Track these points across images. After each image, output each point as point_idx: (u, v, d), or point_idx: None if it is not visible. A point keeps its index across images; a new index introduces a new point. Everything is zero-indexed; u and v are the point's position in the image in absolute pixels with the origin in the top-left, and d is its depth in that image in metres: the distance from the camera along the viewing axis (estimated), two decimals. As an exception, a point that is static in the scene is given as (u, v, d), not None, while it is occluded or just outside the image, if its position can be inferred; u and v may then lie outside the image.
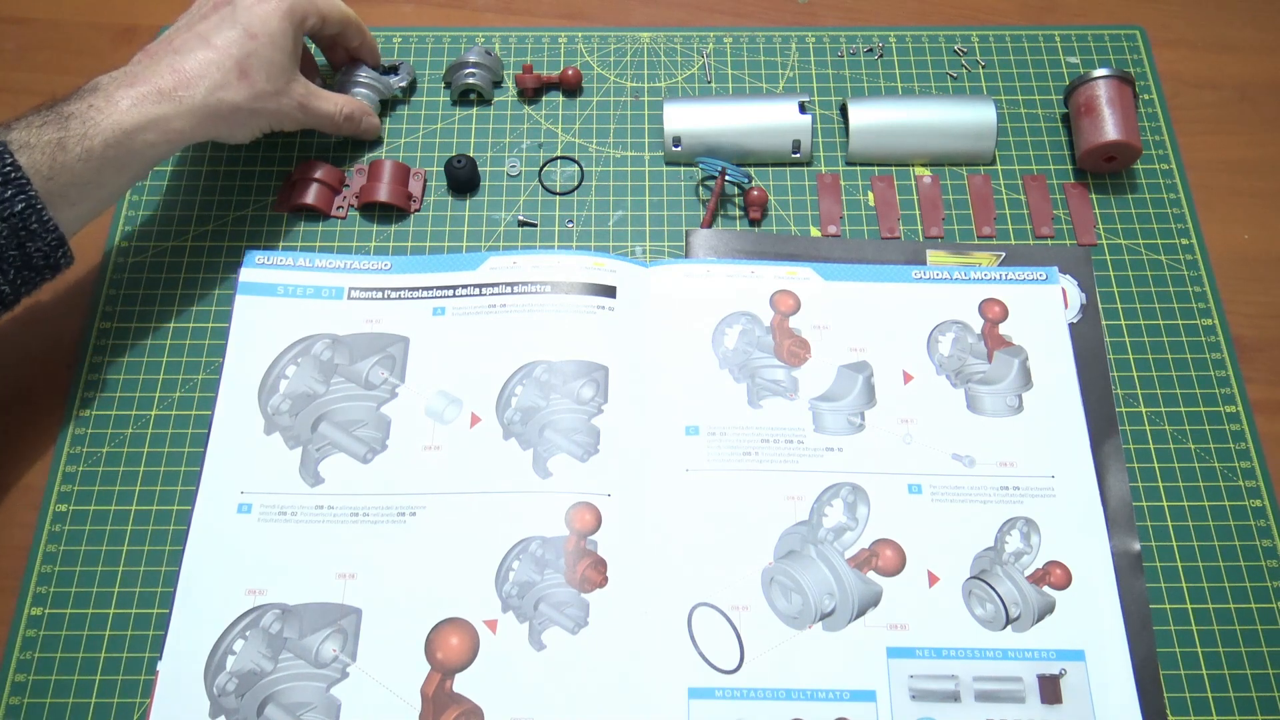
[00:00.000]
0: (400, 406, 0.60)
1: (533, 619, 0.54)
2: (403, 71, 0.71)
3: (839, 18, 0.76)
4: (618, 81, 0.73)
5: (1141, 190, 0.69)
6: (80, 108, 0.53)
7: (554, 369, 0.60)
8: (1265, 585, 0.57)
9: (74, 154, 0.52)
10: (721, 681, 0.53)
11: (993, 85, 0.73)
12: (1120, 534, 0.57)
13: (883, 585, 0.55)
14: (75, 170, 0.52)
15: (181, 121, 0.56)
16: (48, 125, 0.52)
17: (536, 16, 0.76)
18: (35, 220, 0.51)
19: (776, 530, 0.57)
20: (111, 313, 0.64)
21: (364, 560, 0.55)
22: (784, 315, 0.63)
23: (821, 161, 0.70)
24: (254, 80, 0.58)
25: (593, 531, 0.56)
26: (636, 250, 0.66)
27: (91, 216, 0.57)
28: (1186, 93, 0.73)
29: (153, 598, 0.56)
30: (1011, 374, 0.61)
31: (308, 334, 0.62)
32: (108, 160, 0.54)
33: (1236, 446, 0.61)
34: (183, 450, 0.60)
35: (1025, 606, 0.55)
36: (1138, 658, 0.54)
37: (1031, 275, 0.64)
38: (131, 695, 0.53)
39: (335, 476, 0.58)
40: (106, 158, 0.53)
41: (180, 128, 0.56)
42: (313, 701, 0.52)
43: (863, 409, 0.60)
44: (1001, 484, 0.58)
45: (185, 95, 0.56)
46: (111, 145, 0.53)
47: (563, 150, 0.70)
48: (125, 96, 0.55)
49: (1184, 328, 0.64)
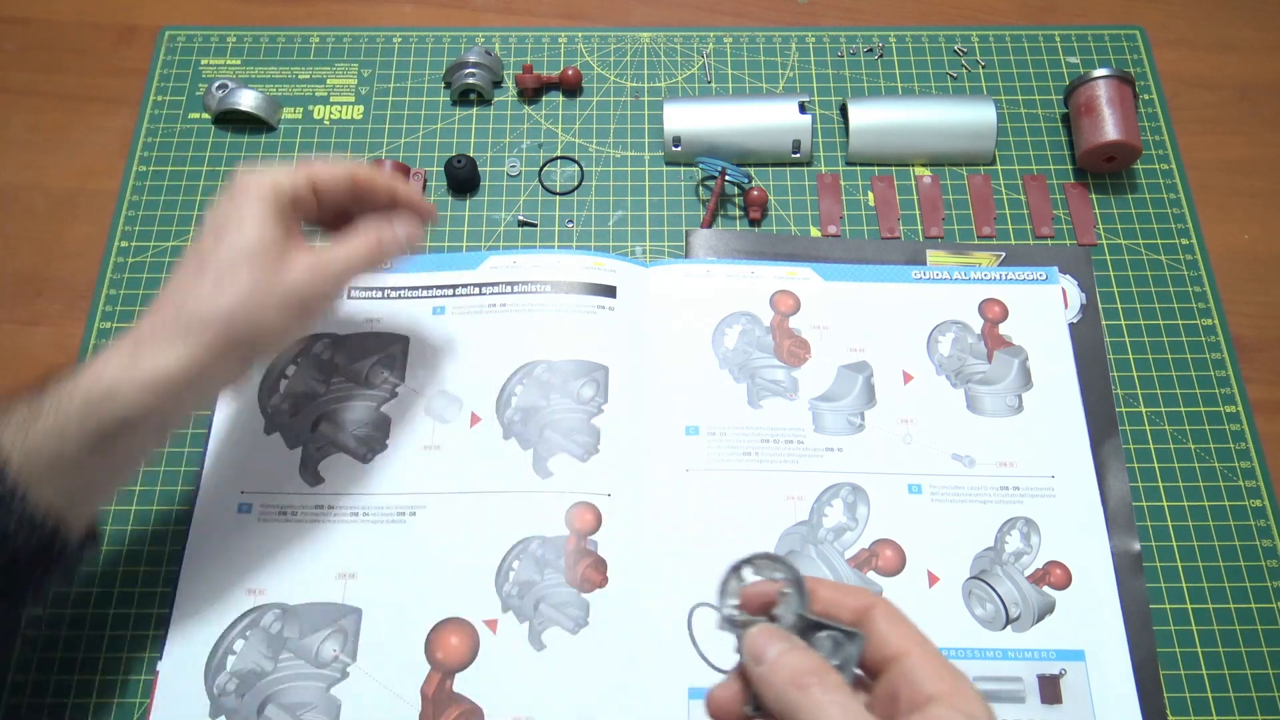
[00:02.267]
0: (400, 406, 0.60)
1: (533, 619, 0.54)
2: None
3: (839, 18, 0.76)
4: (618, 81, 0.73)
5: (1141, 190, 0.69)
6: (66, 372, 0.45)
7: (554, 369, 0.60)
8: (1265, 585, 0.57)
9: (46, 424, 0.43)
10: (721, 681, 0.53)
11: (993, 85, 0.73)
12: (1120, 534, 0.57)
13: (883, 585, 0.55)
14: (49, 445, 0.43)
15: (168, 361, 0.45)
16: (26, 393, 0.44)
17: (536, 16, 0.76)
18: (16, 506, 0.42)
19: (776, 530, 0.57)
20: (112, 313, 0.64)
21: (364, 560, 0.55)
22: (784, 315, 0.63)
23: (821, 161, 0.70)
24: (236, 278, 0.46)
25: (593, 531, 0.56)
26: (636, 250, 0.66)
27: (93, 504, 0.48)
28: (1186, 93, 0.73)
29: (153, 598, 0.56)
30: (1011, 374, 0.61)
31: (307, 334, 0.62)
32: (86, 430, 0.43)
33: (1236, 446, 0.61)
34: (183, 450, 0.60)
35: (1025, 606, 0.55)
36: (1138, 658, 0.54)
37: (1031, 275, 0.64)
38: (131, 695, 0.53)
39: (335, 476, 0.58)
40: (84, 426, 0.43)
41: (168, 370, 0.45)
42: (313, 701, 0.52)
43: (863, 409, 0.60)
44: (1001, 484, 0.58)
45: (162, 329, 0.46)
46: (88, 409, 0.43)
47: (563, 150, 0.70)
48: (106, 351, 0.45)
49: (1184, 328, 0.64)
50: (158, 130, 0.70)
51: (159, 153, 0.69)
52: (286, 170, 0.50)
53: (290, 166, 0.50)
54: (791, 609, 0.37)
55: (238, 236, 0.47)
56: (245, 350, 0.48)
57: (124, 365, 0.44)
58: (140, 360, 0.44)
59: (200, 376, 0.46)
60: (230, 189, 0.49)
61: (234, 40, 0.74)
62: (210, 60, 0.73)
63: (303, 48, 0.74)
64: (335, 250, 0.51)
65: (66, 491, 0.44)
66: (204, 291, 0.46)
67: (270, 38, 0.74)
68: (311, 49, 0.74)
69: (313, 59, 0.73)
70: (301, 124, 0.71)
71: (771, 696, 0.35)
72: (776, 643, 0.36)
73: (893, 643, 0.35)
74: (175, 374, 0.45)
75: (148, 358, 0.45)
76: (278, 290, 0.47)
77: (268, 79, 0.72)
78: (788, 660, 0.35)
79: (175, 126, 0.70)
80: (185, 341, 0.45)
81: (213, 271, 0.46)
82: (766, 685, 0.35)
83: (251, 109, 0.69)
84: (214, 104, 0.70)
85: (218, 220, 0.48)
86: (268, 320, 0.47)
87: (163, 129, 0.70)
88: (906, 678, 0.34)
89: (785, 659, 0.35)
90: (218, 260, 0.47)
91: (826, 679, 0.34)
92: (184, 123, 0.71)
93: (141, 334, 0.46)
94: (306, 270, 0.48)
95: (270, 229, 0.48)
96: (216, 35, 0.74)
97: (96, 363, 0.45)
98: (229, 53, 0.73)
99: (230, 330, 0.46)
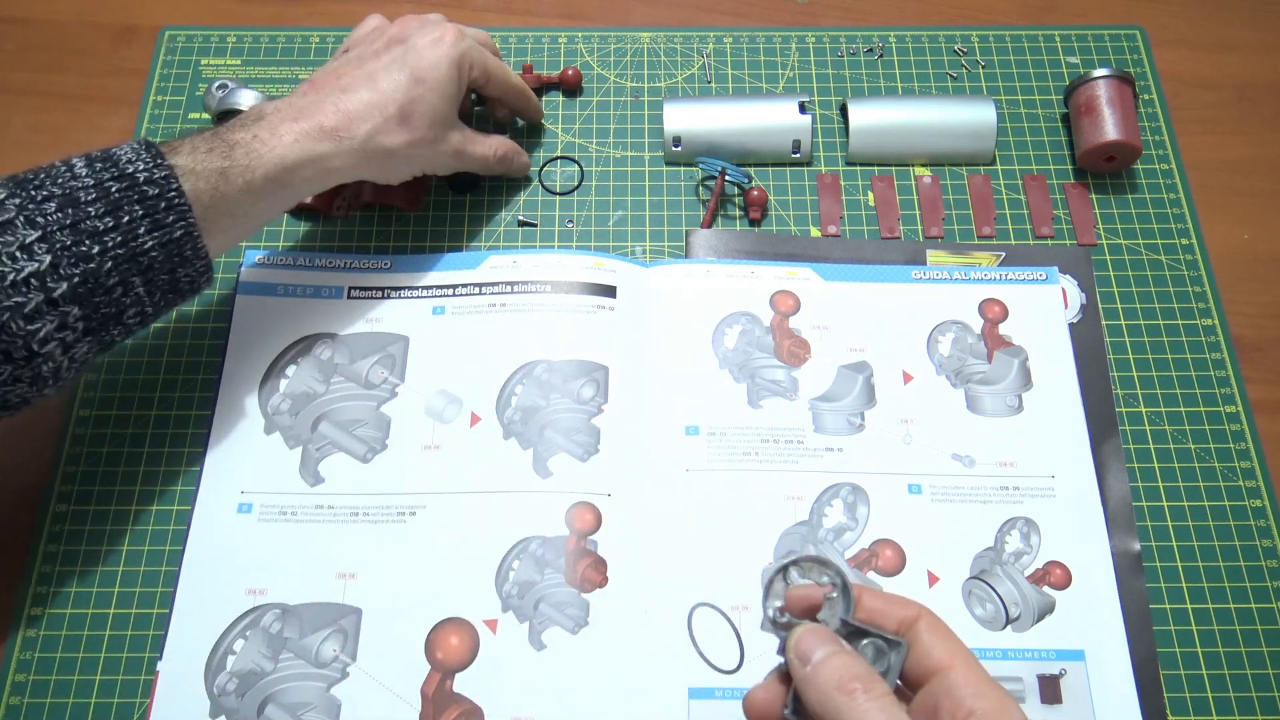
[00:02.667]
0: (400, 406, 0.60)
1: (533, 619, 0.54)
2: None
3: (839, 18, 0.76)
4: (618, 81, 0.73)
5: (1141, 190, 0.69)
6: (245, 137, 0.53)
7: (554, 369, 0.60)
8: (1265, 585, 0.57)
9: (236, 185, 0.52)
10: (721, 681, 0.53)
11: (993, 85, 0.73)
12: (1120, 534, 0.57)
13: (883, 585, 0.55)
14: (234, 200, 0.52)
15: (340, 160, 0.55)
16: (214, 153, 0.51)
17: (536, 16, 0.76)
18: (190, 248, 0.50)
19: (776, 530, 0.57)
20: (111, 313, 0.64)
21: (364, 560, 0.55)
22: (784, 315, 0.63)
23: (821, 161, 0.70)
24: (414, 127, 0.57)
25: (593, 531, 0.56)
26: (636, 250, 0.66)
27: (236, 242, 0.57)
28: (1186, 93, 0.73)
29: (153, 598, 0.56)
30: (1011, 374, 0.61)
31: (307, 334, 0.62)
32: (265, 193, 0.53)
33: (1236, 446, 0.61)
34: (183, 450, 0.60)
35: (1025, 606, 0.55)
36: (1138, 658, 0.54)
37: (1031, 275, 0.64)
38: (131, 695, 0.53)
39: (335, 476, 0.58)
40: (265, 191, 0.53)
41: (337, 166, 0.55)
42: (313, 701, 0.52)
43: (863, 409, 0.60)
44: (1001, 484, 0.58)
45: (346, 136, 0.55)
46: (271, 179, 0.53)
47: (563, 150, 0.70)
48: (289, 131, 0.54)
49: (1184, 328, 0.64)
50: (158, 130, 0.70)
51: (159, 153, 0.69)
52: (480, 53, 0.61)
53: (487, 45, 0.65)
54: (836, 614, 0.37)
55: (435, 96, 0.58)
56: (382, 171, 0.59)
57: (307, 153, 0.54)
58: (321, 154, 0.55)
59: (352, 176, 0.57)
60: (441, 41, 0.58)
61: (234, 40, 0.74)
62: (210, 60, 0.73)
63: (303, 48, 0.74)
64: (474, 145, 0.62)
65: (226, 232, 0.53)
66: (389, 125, 0.56)
67: (270, 38, 0.74)
68: (311, 49, 0.73)
69: (313, 59, 0.73)
70: (301, 124, 0.71)
71: (815, 699, 0.35)
72: (824, 645, 0.36)
73: (936, 655, 0.35)
74: (341, 173, 0.57)
75: (330, 156, 0.55)
76: (429, 154, 0.60)
77: (268, 79, 0.72)
78: (834, 664, 0.35)
79: (175, 126, 0.70)
80: (358, 155, 0.56)
81: (402, 112, 0.57)
82: (811, 687, 0.35)
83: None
84: (214, 104, 0.70)
85: (424, 64, 0.57)
86: (409, 165, 0.60)
87: (163, 129, 0.70)
88: (949, 692, 0.34)
89: (831, 662, 0.35)
90: (412, 107, 0.57)
91: (872, 686, 0.34)
92: (184, 123, 0.71)
93: (325, 126, 0.55)
94: (452, 150, 0.61)
95: (455, 100, 0.60)
96: (216, 35, 0.74)
97: (280, 139, 0.53)
98: (229, 53, 0.73)
99: (389, 159, 0.58)
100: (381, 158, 0.57)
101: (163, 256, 0.50)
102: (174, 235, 0.50)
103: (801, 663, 0.36)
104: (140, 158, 0.50)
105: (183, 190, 0.50)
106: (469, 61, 0.60)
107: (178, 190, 0.49)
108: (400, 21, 0.60)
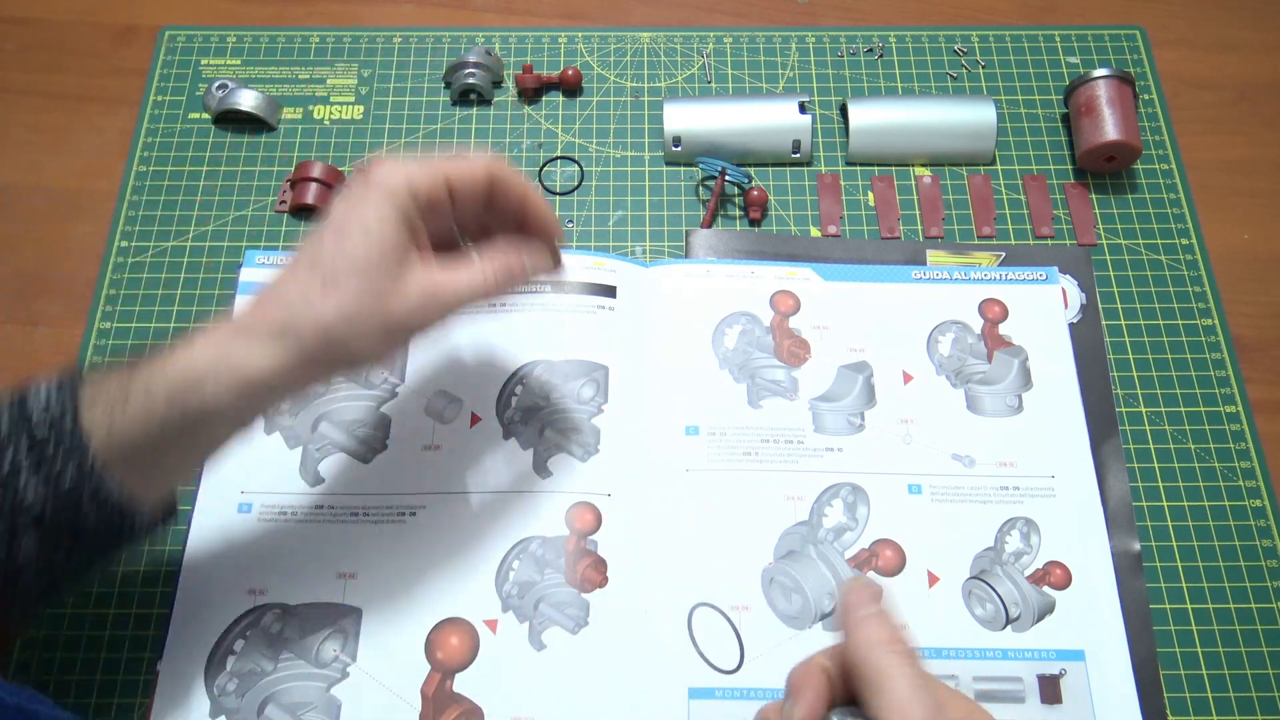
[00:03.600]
0: (400, 406, 0.60)
1: (533, 619, 0.54)
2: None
3: (839, 18, 0.76)
4: (618, 81, 0.73)
5: (1141, 190, 0.69)
6: (161, 353, 0.43)
7: (554, 369, 0.60)
8: (1265, 585, 0.57)
9: (134, 413, 0.42)
10: (721, 681, 0.53)
11: (993, 85, 0.73)
12: (1120, 534, 0.57)
13: (883, 585, 0.55)
14: (134, 435, 0.42)
15: (259, 360, 0.43)
16: (118, 373, 0.43)
17: (536, 16, 0.76)
18: (92, 494, 0.42)
19: (776, 530, 0.57)
20: (111, 313, 0.64)
21: (364, 560, 0.55)
22: (784, 315, 0.63)
23: (821, 161, 0.70)
24: (340, 287, 0.43)
25: (593, 531, 0.56)
26: (636, 250, 0.66)
27: (172, 487, 0.48)
28: (1186, 93, 0.73)
29: (153, 598, 0.56)
30: (1011, 374, 0.61)
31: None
32: (171, 424, 0.42)
33: (1236, 446, 0.61)
34: (183, 450, 0.60)
35: (1025, 606, 0.55)
36: (1138, 658, 0.54)
37: (1031, 275, 0.64)
38: (131, 695, 0.53)
39: (335, 476, 0.58)
40: (170, 420, 0.42)
41: (260, 368, 0.43)
42: (313, 701, 0.52)
43: (863, 409, 0.60)
44: (1001, 484, 0.58)
45: (260, 324, 0.43)
46: (175, 400, 0.42)
47: (563, 150, 0.70)
48: (202, 336, 0.44)
49: (1184, 328, 0.64)
50: (158, 130, 0.70)
51: (159, 153, 0.69)
52: (422, 165, 0.46)
53: (427, 161, 0.46)
54: None
55: (357, 241, 0.43)
56: (338, 364, 0.46)
57: (216, 357, 0.43)
58: (233, 354, 0.43)
59: (289, 381, 0.44)
60: (362, 179, 0.45)
61: (234, 40, 0.74)
62: (210, 60, 0.73)
63: (303, 48, 0.74)
64: (453, 276, 0.46)
65: (146, 473, 0.43)
66: (310, 295, 0.43)
67: (270, 38, 0.74)
68: (311, 49, 0.74)
69: (313, 59, 0.73)
70: (301, 124, 0.71)
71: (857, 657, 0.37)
72: (869, 604, 0.38)
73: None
74: (264, 376, 0.43)
75: (240, 352, 0.43)
76: (383, 313, 0.44)
77: (268, 79, 0.72)
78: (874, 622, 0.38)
79: (175, 126, 0.70)
80: (280, 343, 0.43)
81: (322, 274, 0.43)
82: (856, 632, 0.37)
83: (251, 109, 0.69)
84: (214, 104, 0.70)
85: (342, 214, 0.45)
86: (366, 342, 0.44)
87: (163, 129, 0.70)
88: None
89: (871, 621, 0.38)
90: (332, 263, 0.43)
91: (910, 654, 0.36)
92: (184, 123, 0.71)
93: (240, 324, 0.44)
94: (418, 296, 0.44)
95: (393, 236, 0.44)
96: (216, 35, 0.74)
97: (192, 347, 0.43)
98: (229, 53, 0.73)
99: (327, 343, 0.43)
100: (318, 344, 0.43)
101: (55, 507, 0.41)
102: (64, 485, 0.41)
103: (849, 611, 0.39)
104: (50, 386, 0.42)
105: (79, 424, 0.41)
106: (407, 182, 0.45)
107: (73, 425, 0.41)
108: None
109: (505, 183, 0.47)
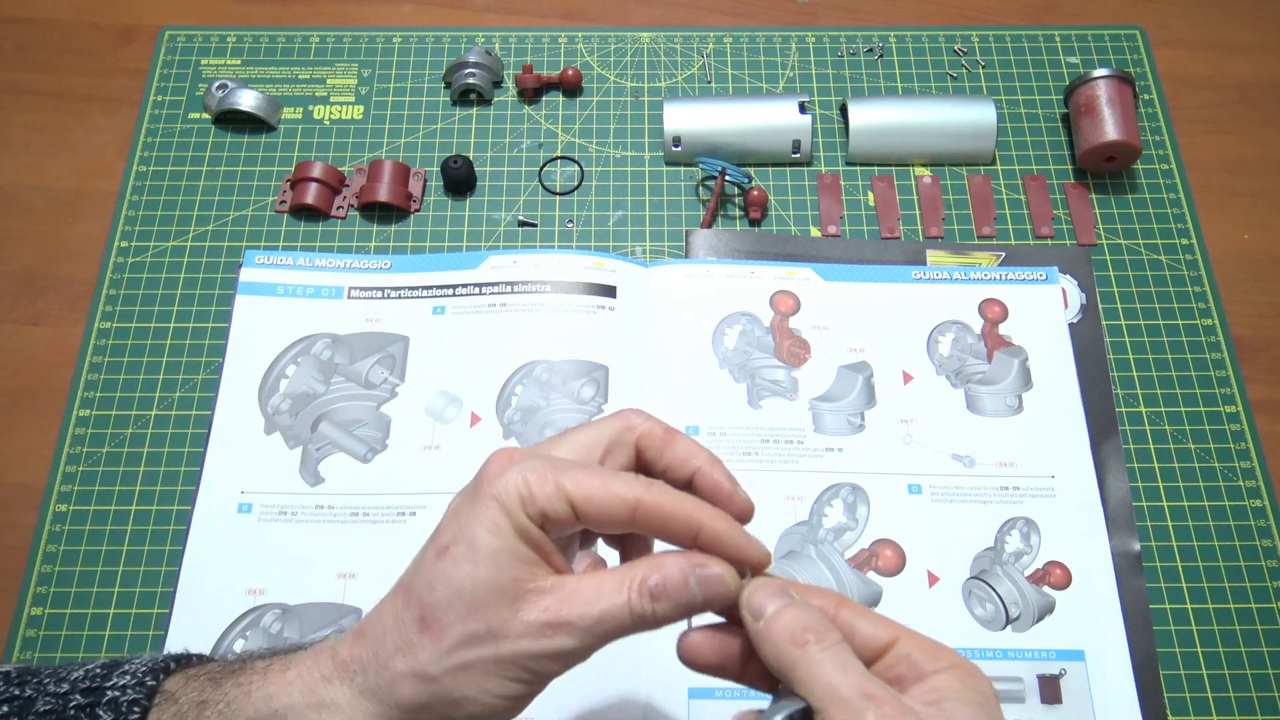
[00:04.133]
0: (400, 406, 0.60)
1: (533, 619, 0.54)
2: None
3: (839, 18, 0.76)
4: (618, 81, 0.73)
5: (1141, 190, 0.69)
6: (257, 667, 0.37)
7: (554, 369, 0.60)
8: (1265, 585, 0.57)
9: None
10: (721, 682, 0.53)
11: (993, 85, 0.73)
12: (1120, 534, 0.57)
13: (882, 585, 0.55)
14: None
15: (351, 715, 0.35)
16: (207, 681, 0.37)
17: (536, 16, 0.76)
18: None
19: (776, 530, 0.57)
20: (111, 313, 0.64)
21: (364, 560, 0.55)
22: (784, 315, 0.63)
23: (821, 161, 0.70)
24: (442, 629, 0.35)
25: (593, 531, 0.56)
26: (636, 250, 0.66)
27: None
28: (1186, 93, 0.73)
29: (153, 598, 0.56)
30: (1011, 374, 0.61)
31: (308, 334, 0.62)
32: None
33: (1236, 446, 0.61)
34: (183, 450, 0.60)
35: (1025, 606, 0.55)
36: (1138, 658, 0.54)
37: (1031, 275, 0.64)
38: (131, 695, 0.53)
39: (335, 476, 0.58)
40: None
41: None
42: (313, 701, 0.52)
43: (863, 409, 0.60)
44: (1001, 484, 0.58)
45: (358, 670, 0.36)
46: None
47: (563, 150, 0.70)
48: (299, 667, 0.37)
49: (1184, 328, 0.64)
50: (158, 130, 0.70)
51: (159, 153, 0.69)
52: (542, 476, 0.35)
53: (554, 466, 0.36)
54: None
55: (461, 570, 0.35)
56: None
57: (302, 699, 0.36)
58: (321, 701, 0.36)
59: None
60: (476, 487, 0.36)
61: (234, 40, 0.74)
62: (210, 60, 0.73)
63: (303, 48, 0.74)
64: (586, 597, 0.35)
65: None
66: (405, 636, 0.35)
67: (270, 38, 0.74)
68: (311, 49, 0.74)
69: (313, 59, 0.73)
70: (301, 124, 0.71)
71: (770, 653, 0.34)
72: (775, 599, 0.35)
73: (880, 635, 0.35)
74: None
75: (328, 700, 0.36)
76: (493, 654, 0.34)
77: (268, 79, 0.72)
78: (787, 617, 0.34)
79: (175, 126, 0.70)
80: (371, 701, 0.35)
81: (421, 608, 0.35)
82: (765, 642, 0.34)
83: (251, 109, 0.69)
84: (214, 104, 0.70)
85: (450, 531, 0.36)
86: (471, 692, 0.35)
87: (163, 129, 0.70)
88: (905, 660, 0.35)
89: (784, 615, 0.34)
90: (430, 593, 0.35)
91: (825, 636, 0.33)
92: (184, 123, 0.71)
93: (338, 661, 0.37)
94: (539, 627, 0.34)
95: (505, 564, 0.35)
96: (216, 35, 0.74)
97: (285, 674, 0.37)
98: (229, 53, 0.73)
99: (430, 699, 0.35)
100: (417, 701, 0.35)
101: None
102: None
103: (754, 618, 0.35)
104: (133, 673, 0.37)
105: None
106: (521, 495, 0.35)
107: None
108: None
109: (665, 521, 0.36)
